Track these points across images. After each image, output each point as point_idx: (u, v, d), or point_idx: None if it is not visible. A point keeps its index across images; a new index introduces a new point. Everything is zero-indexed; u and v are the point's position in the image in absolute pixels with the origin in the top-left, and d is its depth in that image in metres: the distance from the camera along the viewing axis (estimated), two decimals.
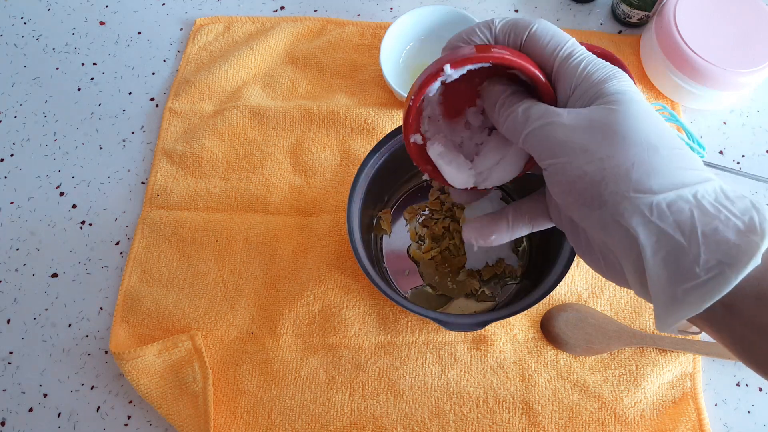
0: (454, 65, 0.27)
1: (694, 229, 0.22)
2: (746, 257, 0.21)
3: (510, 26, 0.28)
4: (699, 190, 0.23)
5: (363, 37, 0.64)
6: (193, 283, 0.52)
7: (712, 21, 0.55)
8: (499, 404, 0.47)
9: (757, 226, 0.22)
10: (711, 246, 0.22)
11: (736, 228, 0.22)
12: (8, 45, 0.66)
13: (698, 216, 0.22)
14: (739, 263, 0.21)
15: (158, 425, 0.48)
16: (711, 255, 0.22)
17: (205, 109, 0.60)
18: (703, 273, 0.22)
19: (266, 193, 0.56)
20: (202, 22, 0.66)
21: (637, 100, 0.25)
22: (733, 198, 0.23)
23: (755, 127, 0.59)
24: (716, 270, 0.22)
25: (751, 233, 0.22)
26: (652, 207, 0.23)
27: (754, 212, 0.22)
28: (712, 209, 0.23)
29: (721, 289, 0.22)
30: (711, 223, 0.22)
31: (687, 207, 0.23)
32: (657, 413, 0.47)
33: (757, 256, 0.21)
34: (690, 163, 0.24)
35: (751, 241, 0.21)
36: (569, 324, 0.49)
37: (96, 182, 0.58)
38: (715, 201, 0.23)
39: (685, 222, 0.23)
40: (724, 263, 0.22)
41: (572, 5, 0.66)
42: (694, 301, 0.22)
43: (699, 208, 0.23)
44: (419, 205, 0.54)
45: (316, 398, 0.48)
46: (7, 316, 0.53)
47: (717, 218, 0.22)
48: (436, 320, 0.41)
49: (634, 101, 0.25)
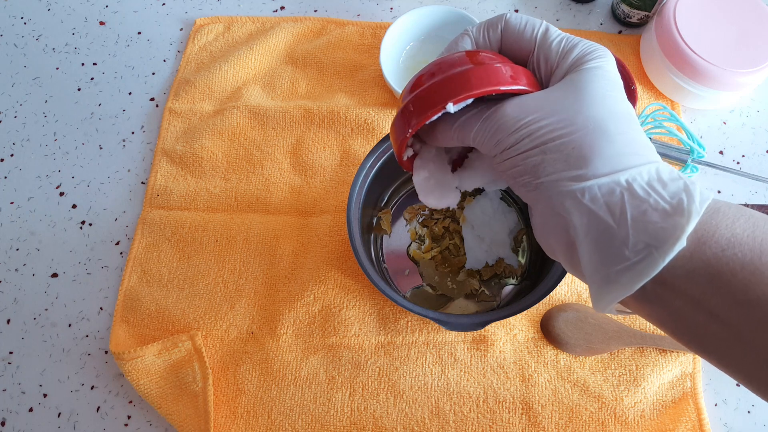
0: (456, 101, 0.26)
1: (624, 212, 0.23)
2: (672, 239, 0.22)
3: (485, 26, 0.29)
4: (633, 174, 0.24)
5: (363, 37, 0.64)
6: (193, 283, 0.52)
7: (712, 21, 0.55)
8: (499, 404, 0.47)
9: (684, 209, 0.22)
10: (639, 229, 0.23)
11: (663, 211, 0.23)
12: (8, 45, 0.66)
13: (628, 199, 0.23)
14: (666, 245, 0.22)
15: (158, 425, 0.48)
16: (639, 238, 0.23)
17: (205, 109, 0.60)
18: (632, 255, 0.23)
19: (266, 193, 0.56)
20: (202, 22, 0.66)
21: (604, 77, 0.26)
22: (666, 180, 0.23)
23: (755, 127, 0.59)
24: (644, 252, 0.22)
25: (677, 215, 0.22)
26: (585, 190, 0.24)
27: (684, 195, 0.23)
28: (642, 193, 0.23)
29: (650, 271, 0.22)
30: (640, 206, 0.23)
31: (618, 190, 0.23)
32: (657, 413, 0.47)
33: (682, 239, 0.22)
34: (633, 148, 0.24)
35: (676, 223, 0.22)
36: (569, 324, 0.49)
37: (96, 182, 0.58)
38: (647, 184, 0.23)
39: (615, 205, 0.23)
40: (651, 246, 0.22)
41: (572, 5, 0.66)
42: (625, 282, 0.23)
43: (629, 191, 0.23)
44: (419, 205, 0.54)
45: (316, 398, 0.48)
46: (7, 316, 0.53)
47: (647, 202, 0.23)
48: (436, 320, 0.41)
49: (599, 78, 0.26)
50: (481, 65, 0.27)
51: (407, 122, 0.28)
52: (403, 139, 0.28)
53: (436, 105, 0.26)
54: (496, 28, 0.29)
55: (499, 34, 0.29)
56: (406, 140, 0.28)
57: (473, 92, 0.26)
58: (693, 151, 0.53)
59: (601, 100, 0.25)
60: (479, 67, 0.27)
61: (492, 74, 0.26)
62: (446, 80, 0.27)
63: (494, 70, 0.26)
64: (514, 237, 0.52)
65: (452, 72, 0.27)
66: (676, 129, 0.55)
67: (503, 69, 0.26)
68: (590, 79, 0.26)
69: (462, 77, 0.26)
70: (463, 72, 0.26)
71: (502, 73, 0.26)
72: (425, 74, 0.28)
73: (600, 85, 0.25)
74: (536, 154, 0.25)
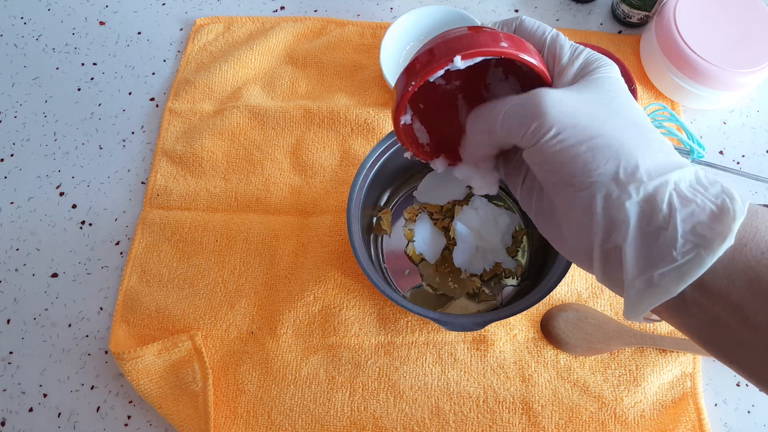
0: (464, 56, 0.25)
1: (674, 212, 0.23)
2: (720, 239, 0.22)
3: (500, 23, 0.30)
4: (679, 176, 0.24)
5: (363, 37, 0.64)
6: (193, 283, 0.52)
7: (712, 21, 0.55)
8: (499, 404, 0.47)
9: (729, 209, 0.23)
10: (687, 229, 0.23)
11: (710, 211, 0.23)
12: (8, 45, 0.66)
13: (677, 200, 0.23)
14: (714, 245, 0.22)
15: (158, 425, 0.48)
16: (687, 238, 0.23)
17: (205, 109, 0.60)
18: (679, 256, 0.23)
19: (266, 193, 0.56)
20: (202, 22, 0.66)
21: (623, 86, 0.26)
22: (706, 183, 0.24)
23: (755, 127, 0.59)
24: (693, 253, 0.22)
25: (723, 215, 0.22)
26: (640, 190, 0.24)
27: (725, 197, 0.23)
28: (690, 194, 0.23)
29: (697, 271, 0.22)
30: (688, 206, 0.23)
31: (668, 191, 0.23)
32: (657, 413, 0.47)
33: (730, 238, 0.22)
34: (668, 148, 0.25)
35: (724, 222, 0.22)
36: (569, 324, 0.49)
37: (96, 182, 0.58)
38: (691, 186, 0.24)
39: (666, 206, 0.23)
40: (699, 246, 0.22)
41: (572, 5, 0.66)
42: (669, 285, 0.23)
43: (678, 192, 0.23)
44: (419, 204, 0.54)
45: (316, 398, 0.48)
46: (7, 316, 0.53)
47: (694, 202, 0.23)
48: (436, 320, 0.41)
49: (620, 85, 0.26)
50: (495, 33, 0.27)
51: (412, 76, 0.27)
52: (404, 93, 0.27)
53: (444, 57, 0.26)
54: (511, 26, 0.30)
55: (513, 31, 0.30)
56: (408, 95, 0.27)
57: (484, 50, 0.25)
58: (693, 151, 0.53)
59: (630, 104, 0.26)
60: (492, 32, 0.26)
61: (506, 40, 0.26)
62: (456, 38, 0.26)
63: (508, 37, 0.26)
64: (513, 236, 0.52)
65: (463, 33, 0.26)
66: (676, 129, 0.55)
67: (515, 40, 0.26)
68: (615, 84, 0.26)
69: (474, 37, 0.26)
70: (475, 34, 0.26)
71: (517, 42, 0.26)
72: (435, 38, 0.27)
73: (623, 91, 0.26)
74: (585, 151, 0.24)
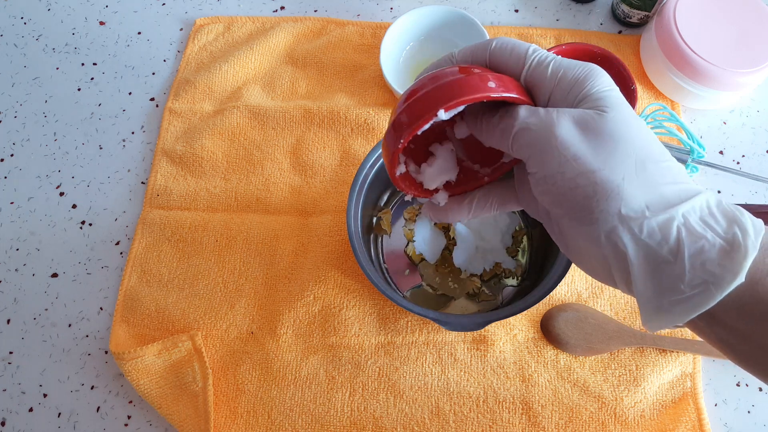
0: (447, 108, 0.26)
1: (681, 248, 0.23)
2: (730, 276, 0.22)
3: (470, 52, 0.28)
4: (687, 209, 0.23)
5: (363, 37, 0.64)
6: (193, 283, 0.52)
7: (712, 21, 0.55)
8: (499, 404, 0.47)
9: (741, 245, 0.22)
10: (696, 265, 0.23)
11: (720, 247, 0.22)
12: (8, 45, 0.66)
13: (685, 235, 0.23)
14: (723, 282, 0.22)
15: (158, 425, 0.48)
16: (696, 274, 0.22)
17: (205, 109, 0.60)
18: (688, 290, 0.23)
19: (266, 193, 0.56)
20: (202, 22, 0.66)
21: (623, 103, 0.25)
22: (717, 214, 0.23)
23: (755, 127, 0.59)
24: (701, 288, 0.22)
25: (734, 252, 0.22)
26: (643, 226, 0.23)
27: (737, 229, 0.23)
28: (699, 228, 0.23)
29: (705, 304, 0.22)
30: (697, 242, 0.23)
31: (675, 226, 0.23)
32: (657, 413, 0.47)
33: (741, 275, 0.22)
34: (677, 177, 0.24)
35: (734, 260, 0.22)
36: (569, 324, 0.49)
37: (96, 182, 0.58)
38: (701, 219, 0.23)
39: (673, 241, 0.23)
40: (708, 282, 0.22)
41: (572, 5, 0.66)
42: (678, 313, 0.23)
43: (686, 227, 0.23)
44: (419, 204, 0.54)
45: (316, 398, 0.48)
46: (7, 316, 0.53)
47: (704, 237, 0.23)
48: (436, 320, 0.41)
49: (620, 104, 0.25)
50: (473, 74, 0.27)
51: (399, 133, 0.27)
52: (395, 150, 0.28)
53: (427, 112, 0.26)
54: (484, 51, 0.28)
55: (486, 58, 0.28)
56: (399, 152, 0.28)
57: (465, 98, 0.26)
58: (693, 151, 0.53)
59: (637, 131, 0.25)
60: (471, 75, 0.26)
61: (483, 82, 0.26)
62: (437, 89, 0.27)
63: (485, 78, 0.26)
64: (513, 236, 0.52)
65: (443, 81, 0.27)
66: (676, 129, 0.55)
67: (494, 78, 0.26)
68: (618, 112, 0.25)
69: (454, 85, 0.26)
70: (454, 80, 0.26)
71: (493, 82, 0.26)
72: (416, 88, 0.28)
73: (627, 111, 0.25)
74: (586, 185, 0.24)
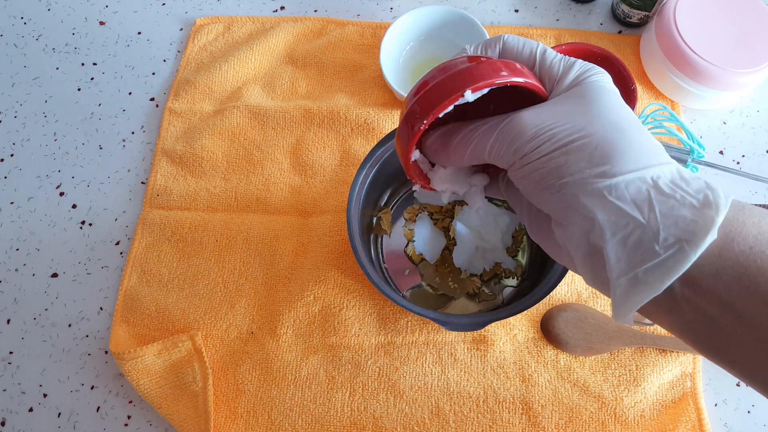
0: (474, 89, 0.26)
1: (652, 207, 0.23)
2: (703, 232, 0.22)
3: (482, 45, 0.30)
4: (656, 172, 0.24)
5: (363, 37, 0.64)
6: (193, 283, 0.52)
7: (712, 21, 0.55)
8: (499, 404, 0.47)
9: (712, 202, 0.22)
10: (669, 223, 0.23)
11: (691, 205, 0.23)
12: (8, 45, 0.66)
13: (655, 195, 0.23)
14: (697, 238, 0.22)
15: (158, 425, 0.48)
16: (669, 232, 0.22)
17: (205, 109, 0.60)
18: (662, 251, 0.22)
19: (266, 193, 0.56)
20: (202, 22, 0.66)
21: (610, 90, 0.27)
22: (688, 179, 0.24)
23: (755, 127, 0.59)
24: (676, 247, 0.22)
25: (706, 209, 0.22)
26: (611, 187, 0.24)
27: (708, 191, 0.23)
28: (669, 189, 0.23)
29: (681, 265, 0.22)
30: (668, 201, 0.23)
31: (644, 187, 0.23)
32: (657, 413, 0.47)
33: (713, 231, 0.22)
34: (650, 148, 0.25)
35: (706, 216, 0.22)
36: (569, 324, 0.49)
37: (96, 182, 0.58)
38: (671, 182, 0.24)
39: (643, 201, 0.23)
40: (682, 239, 0.22)
41: (572, 5, 0.66)
42: (654, 281, 0.23)
43: (656, 188, 0.23)
44: (419, 205, 0.54)
45: (316, 398, 0.48)
46: (7, 316, 0.53)
47: (673, 197, 0.23)
48: (436, 320, 0.41)
49: (606, 90, 0.26)
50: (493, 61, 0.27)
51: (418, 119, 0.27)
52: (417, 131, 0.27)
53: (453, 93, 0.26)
54: (494, 48, 0.29)
55: (497, 54, 0.29)
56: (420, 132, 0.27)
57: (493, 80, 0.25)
58: (693, 151, 0.53)
59: (614, 107, 0.26)
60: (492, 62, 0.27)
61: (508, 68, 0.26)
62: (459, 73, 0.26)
63: (509, 65, 0.26)
64: (513, 236, 0.52)
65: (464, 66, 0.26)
66: (676, 129, 0.55)
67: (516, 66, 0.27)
68: (599, 90, 0.26)
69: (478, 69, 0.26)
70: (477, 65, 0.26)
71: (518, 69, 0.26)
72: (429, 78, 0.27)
73: (608, 95, 0.26)
74: (558, 155, 0.25)
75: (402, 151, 0.30)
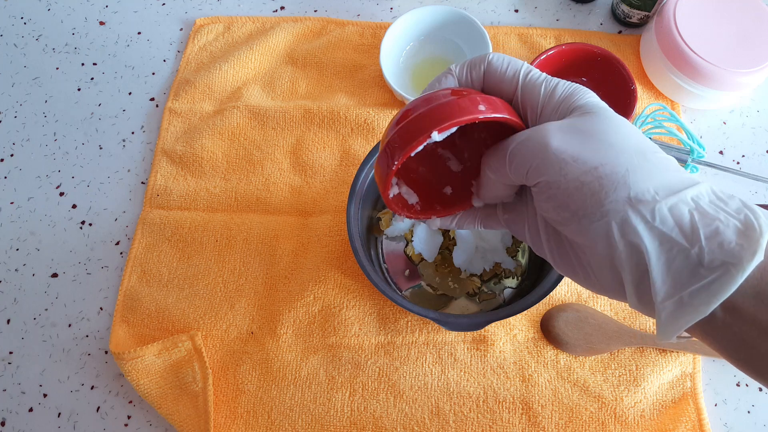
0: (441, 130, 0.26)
1: (696, 231, 0.23)
2: (749, 255, 0.22)
3: (467, 65, 0.29)
4: (694, 193, 0.23)
5: (363, 37, 0.64)
6: (193, 283, 0.52)
7: (712, 21, 0.55)
8: (499, 404, 0.47)
9: (754, 224, 0.22)
10: (714, 246, 0.22)
11: (735, 227, 0.22)
12: (8, 45, 0.66)
13: (699, 218, 0.23)
14: (743, 261, 0.22)
15: (158, 425, 0.48)
16: (715, 255, 0.22)
17: (205, 109, 0.60)
18: (708, 274, 0.22)
19: (266, 193, 0.56)
20: (202, 22, 0.66)
21: (608, 108, 0.26)
22: (725, 198, 0.23)
23: (755, 127, 0.59)
24: (721, 270, 0.22)
25: (750, 231, 0.22)
26: (654, 212, 0.23)
27: (747, 211, 0.23)
28: (711, 210, 0.23)
29: (727, 288, 0.22)
30: (711, 224, 0.23)
31: (686, 210, 0.23)
32: (657, 413, 0.47)
33: (760, 254, 0.22)
34: (674, 166, 0.25)
35: (751, 239, 0.22)
36: (569, 324, 0.49)
37: (96, 182, 0.58)
38: (710, 203, 0.23)
39: (687, 225, 0.23)
40: (728, 263, 0.22)
41: (572, 5, 0.66)
42: (700, 304, 0.22)
43: (698, 210, 0.23)
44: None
45: (316, 398, 0.48)
46: (7, 316, 0.53)
47: (717, 218, 0.23)
48: (436, 320, 0.41)
49: (605, 108, 0.26)
50: (464, 96, 0.27)
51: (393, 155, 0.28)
52: (388, 173, 0.28)
53: (421, 134, 0.27)
54: (479, 68, 0.29)
55: (481, 74, 0.29)
56: (392, 174, 0.28)
57: (456, 120, 0.26)
58: (693, 151, 0.53)
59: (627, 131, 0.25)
60: (462, 98, 0.27)
61: (474, 104, 0.27)
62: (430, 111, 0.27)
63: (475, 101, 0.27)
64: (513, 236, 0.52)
65: (436, 103, 0.27)
66: (676, 129, 0.55)
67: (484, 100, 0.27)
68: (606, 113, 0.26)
69: (446, 107, 0.27)
70: (447, 102, 0.27)
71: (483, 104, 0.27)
72: (409, 109, 0.28)
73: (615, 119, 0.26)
74: (591, 180, 0.24)
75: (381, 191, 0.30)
